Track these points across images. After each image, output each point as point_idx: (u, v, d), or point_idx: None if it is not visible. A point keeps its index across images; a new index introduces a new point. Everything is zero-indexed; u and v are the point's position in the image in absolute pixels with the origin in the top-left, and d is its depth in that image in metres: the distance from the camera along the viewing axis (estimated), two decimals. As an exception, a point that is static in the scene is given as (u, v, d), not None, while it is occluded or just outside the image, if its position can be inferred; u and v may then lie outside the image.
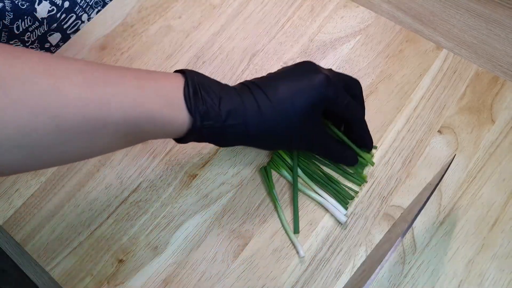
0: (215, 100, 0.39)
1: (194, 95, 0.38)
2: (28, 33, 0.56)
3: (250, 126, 0.40)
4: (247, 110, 0.39)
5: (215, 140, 0.41)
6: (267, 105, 0.40)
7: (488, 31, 0.56)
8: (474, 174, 0.47)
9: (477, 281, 0.43)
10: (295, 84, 0.41)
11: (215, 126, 0.39)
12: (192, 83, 0.38)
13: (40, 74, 0.31)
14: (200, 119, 0.38)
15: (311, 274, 0.44)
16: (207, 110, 0.38)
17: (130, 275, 0.45)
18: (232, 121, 0.39)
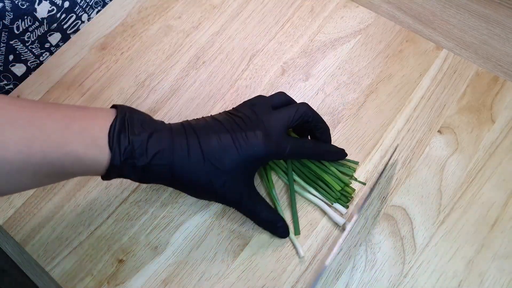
0: (143, 137, 0.38)
1: (120, 134, 0.37)
2: (28, 33, 0.56)
3: (175, 174, 0.39)
4: (175, 154, 0.39)
5: (138, 179, 0.40)
6: (197, 154, 0.39)
7: (488, 31, 0.56)
8: (474, 174, 0.47)
9: (477, 281, 0.43)
10: (229, 141, 0.40)
11: (138, 165, 0.38)
12: (121, 120, 0.38)
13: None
14: (120, 158, 0.37)
15: (311, 274, 0.44)
16: (131, 150, 0.37)
17: (130, 275, 0.45)
18: (158, 161, 0.38)
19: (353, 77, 0.54)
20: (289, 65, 0.55)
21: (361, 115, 0.51)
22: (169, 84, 0.55)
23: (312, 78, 0.54)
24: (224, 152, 0.40)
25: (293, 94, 0.53)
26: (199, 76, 0.56)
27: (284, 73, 0.55)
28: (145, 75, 0.56)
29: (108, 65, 0.57)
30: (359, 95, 0.53)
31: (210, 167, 0.40)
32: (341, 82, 0.54)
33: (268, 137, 0.40)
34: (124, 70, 0.57)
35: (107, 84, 0.56)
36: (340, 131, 0.51)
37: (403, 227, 0.45)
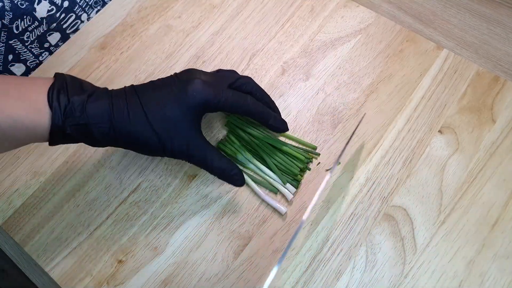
0: (83, 96, 0.38)
1: (58, 94, 0.37)
2: (27, 33, 0.56)
3: (116, 128, 0.39)
4: (114, 112, 0.39)
5: (83, 139, 0.40)
6: (138, 111, 0.40)
7: (489, 31, 0.56)
8: (475, 174, 0.47)
9: (477, 281, 0.42)
10: (169, 92, 0.41)
11: (80, 123, 0.38)
12: (59, 84, 0.38)
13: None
14: (60, 116, 0.37)
15: (311, 274, 0.44)
16: (72, 108, 0.37)
17: (129, 275, 0.45)
18: (97, 120, 0.38)
19: (353, 77, 0.54)
20: (289, 64, 0.55)
21: (362, 115, 0.51)
22: (169, 84, 0.55)
23: (312, 78, 0.54)
24: (165, 103, 0.40)
25: (293, 94, 0.53)
26: (199, 76, 0.55)
27: (284, 72, 0.55)
28: (145, 75, 0.56)
29: (108, 64, 0.57)
30: (359, 95, 0.52)
31: (152, 120, 0.40)
32: (341, 82, 0.53)
33: (207, 84, 0.41)
34: (123, 69, 0.57)
35: (106, 83, 0.56)
36: (340, 131, 0.50)
37: (404, 228, 0.45)
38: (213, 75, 0.43)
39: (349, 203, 0.47)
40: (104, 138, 0.40)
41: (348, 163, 0.49)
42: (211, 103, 0.41)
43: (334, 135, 0.50)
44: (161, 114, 0.40)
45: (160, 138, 0.40)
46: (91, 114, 0.38)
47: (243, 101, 0.43)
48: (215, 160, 0.42)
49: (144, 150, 0.42)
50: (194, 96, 0.40)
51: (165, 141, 0.40)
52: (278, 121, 0.46)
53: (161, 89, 0.41)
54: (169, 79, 0.42)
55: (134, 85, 0.42)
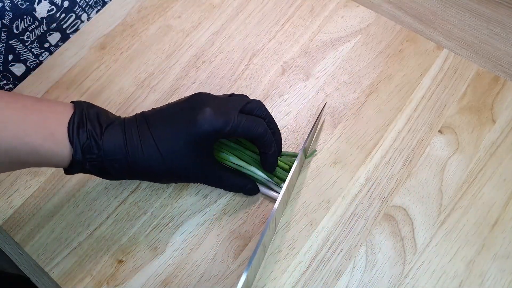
0: (99, 133, 0.39)
1: (78, 128, 0.38)
2: (27, 33, 0.56)
3: (131, 165, 0.39)
4: (129, 148, 0.39)
5: (100, 174, 0.40)
6: (150, 145, 0.39)
7: (489, 30, 0.56)
8: (475, 174, 0.47)
9: (477, 282, 0.42)
10: (179, 122, 0.40)
11: (97, 160, 0.39)
12: (79, 115, 0.38)
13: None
14: (81, 153, 0.38)
15: (311, 274, 0.44)
16: (90, 144, 0.38)
17: (129, 275, 0.45)
18: (113, 156, 0.39)
19: (353, 77, 0.54)
20: (289, 64, 0.55)
21: (362, 115, 0.51)
22: (168, 83, 0.55)
23: (312, 78, 0.54)
24: (175, 135, 0.40)
25: (293, 94, 0.53)
26: (198, 76, 0.55)
27: (284, 72, 0.55)
28: (145, 75, 0.56)
29: (108, 64, 0.57)
30: (359, 95, 0.52)
31: (164, 154, 0.40)
32: (341, 82, 0.53)
33: (217, 113, 0.40)
34: (123, 69, 0.57)
35: (106, 83, 0.56)
36: (340, 131, 0.50)
37: (404, 228, 0.45)
38: (224, 100, 0.42)
39: (349, 203, 0.47)
40: (120, 174, 0.41)
41: (348, 163, 0.49)
42: (222, 131, 0.40)
43: (334, 135, 0.50)
44: (173, 147, 0.40)
45: (174, 170, 0.41)
46: (107, 152, 0.39)
47: (255, 127, 0.42)
48: (230, 179, 0.45)
49: (160, 181, 0.44)
50: (204, 126, 0.39)
51: (180, 172, 0.42)
52: (272, 158, 0.44)
53: (171, 120, 0.40)
54: (179, 106, 0.42)
55: (145, 114, 0.42)
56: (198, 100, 0.41)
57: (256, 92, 0.54)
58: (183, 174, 0.42)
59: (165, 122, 0.40)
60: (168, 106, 0.42)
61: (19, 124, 0.36)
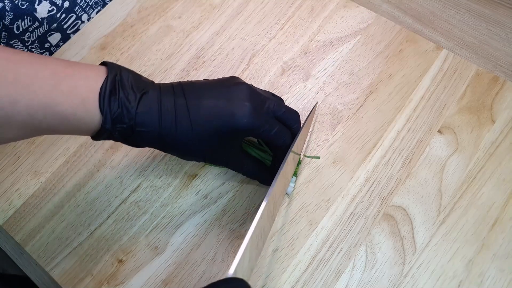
0: (132, 102, 0.37)
1: (110, 96, 0.36)
2: (28, 33, 0.56)
3: (163, 137, 0.39)
4: (162, 121, 0.38)
5: (127, 142, 0.40)
6: (185, 123, 0.39)
7: (488, 31, 0.56)
8: (474, 174, 0.47)
9: (477, 281, 0.43)
10: (219, 105, 0.39)
11: (127, 129, 0.38)
12: (111, 82, 0.37)
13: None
14: (111, 122, 0.37)
15: (311, 274, 0.44)
16: (121, 112, 0.37)
17: (130, 275, 0.45)
18: (145, 127, 0.38)
19: (353, 77, 0.54)
20: (289, 65, 0.55)
21: (361, 115, 0.51)
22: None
23: (312, 78, 0.54)
24: (212, 119, 0.39)
25: (293, 94, 0.53)
26: (199, 76, 0.56)
27: (284, 73, 0.55)
28: (145, 75, 0.56)
29: (108, 65, 0.57)
30: (359, 95, 0.53)
31: (197, 132, 0.39)
32: (341, 82, 0.53)
33: (256, 113, 0.40)
34: (124, 70, 0.57)
35: (107, 84, 0.56)
36: (340, 131, 0.51)
37: (403, 227, 0.45)
38: (264, 100, 0.42)
39: (348, 202, 0.47)
40: (148, 144, 0.40)
41: (347, 163, 0.49)
42: (256, 131, 0.40)
43: (334, 135, 0.50)
44: (206, 130, 0.39)
45: (202, 151, 0.41)
46: (139, 122, 0.38)
47: (283, 138, 0.42)
48: (250, 166, 0.46)
49: (186, 157, 0.44)
50: (241, 121, 0.39)
51: (206, 154, 0.42)
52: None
53: (210, 102, 0.39)
54: (220, 89, 0.41)
55: (183, 86, 0.40)
56: (241, 91, 0.40)
57: (256, 92, 0.54)
58: (209, 156, 0.43)
59: (203, 102, 0.39)
60: (208, 84, 0.41)
61: (50, 93, 0.34)
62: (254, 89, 0.42)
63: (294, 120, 0.44)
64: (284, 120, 0.43)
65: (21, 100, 0.33)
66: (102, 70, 0.38)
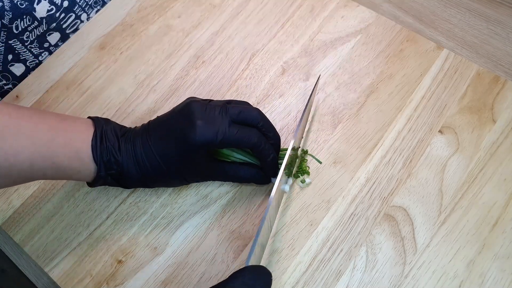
0: (117, 150, 0.42)
1: (100, 146, 0.41)
2: (27, 33, 0.56)
3: (142, 175, 0.43)
4: (136, 160, 0.42)
5: (119, 184, 0.44)
6: (152, 155, 0.42)
7: (489, 30, 0.56)
8: (475, 174, 0.47)
9: (478, 282, 0.42)
10: (172, 135, 0.41)
11: (116, 174, 0.42)
12: (99, 133, 0.41)
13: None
14: (104, 169, 0.41)
15: (311, 275, 0.44)
16: (110, 160, 0.41)
17: (129, 275, 0.45)
18: (128, 169, 0.42)
19: (353, 77, 0.53)
20: (290, 64, 0.55)
21: (362, 115, 0.51)
22: (168, 83, 0.55)
23: (312, 78, 0.54)
24: (170, 146, 0.41)
25: (293, 94, 0.53)
26: (198, 76, 0.55)
27: (284, 72, 0.55)
28: (145, 75, 0.56)
29: (108, 64, 0.57)
30: (359, 95, 0.52)
31: (164, 163, 0.42)
32: (341, 82, 0.53)
33: (207, 126, 0.40)
34: (123, 69, 0.56)
35: (106, 83, 0.56)
36: (340, 131, 0.50)
37: (404, 228, 0.45)
38: (216, 111, 0.42)
39: (349, 203, 0.47)
40: (137, 184, 0.45)
41: (348, 163, 0.49)
42: (213, 144, 0.41)
43: (334, 135, 0.50)
44: (170, 158, 0.42)
45: (180, 176, 0.44)
46: (123, 166, 0.42)
47: (248, 138, 0.42)
48: (237, 172, 0.45)
49: (170, 185, 0.48)
50: (195, 139, 0.40)
51: (187, 176, 0.45)
52: (271, 165, 0.44)
53: (166, 131, 0.42)
54: (173, 117, 0.43)
55: (147, 125, 0.44)
56: (190, 112, 0.41)
57: (256, 92, 0.54)
58: (190, 178, 0.45)
59: (161, 134, 0.42)
60: (165, 116, 0.44)
61: (48, 146, 0.38)
62: (202, 103, 0.42)
63: (253, 117, 0.42)
64: (243, 121, 0.42)
65: (23, 152, 0.37)
66: (90, 123, 0.42)
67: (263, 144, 0.42)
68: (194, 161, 0.42)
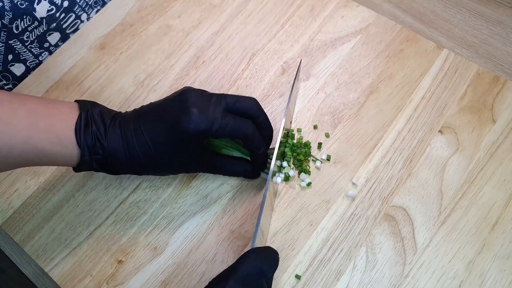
0: (103, 135, 0.41)
1: (85, 131, 0.40)
2: (27, 33, 0.56)
3: (130, 161, 0.41)
4: (125, 146, 0.41)
5: (106, 171, 0.43)
6: (143, 141, 0.41)
7: (489, 30, 0.56)
8: (475, 175, 0.47)
9: (478, 282, 0.42)
10: (166, 122, 0.41)
11: (102, 159, 0.41)
12: (84, 117, 0.40)
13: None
14: (88, 153, 0.40)
15: (312, 274, 0.44)
16: (95, 144, 0.40)
17: (129, 275, 0.45)
18: (115, 154, 0.41)
19: (353, 77, 0.54)
20: (290, 64, 0.55)
21: (362, 115, 0.51)
22: (168, 83, 0.55)
23: (312, 78, 0.54)
24: (163, 132, 0.41)
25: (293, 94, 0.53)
26: (198, 76, 0.55)
27: (284, 72, 0.55)
28: (145, 75, 0.56)
29: (108, 64, 0.57)
30: (359, 95, 0.52)
31: (155, 149, 0.41)
32: (341, 82, 0.53)
33: (203, 115, 0.40)
34: (123, 69, 0.56)
35: (106, 83, 0.56)
36: (340, 131, 0.50)
37: (404, 228, 0.45)
38: (212, 100, 0.41)
39: (349, 203, 0.47)
40: (124, 170, 0.43)
41: (348, 163, 0.49)
42: (208, 133, 0.40)
43: (334, 135, 0.50)
44: (162, 145, 0.41)
45: (171, 164, 0.43)
46: (110, 151, 0.41)
47: (242, 128, 0.41)
48: (226, 166, 0.46)
49: (159, 173, 0.46)
50: (190, 127, 0.40)
51: (176, 166, 0.44)
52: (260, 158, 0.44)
53: (160, 117, 0.41)
54: (168, 103, 0.42)
55: (139, 110, 0.43)
56: (186, 99, 0.41)
57: (256, 92, 0.54)
58: (179, 167, 0.44)
59: (155, 120, 0.41)
60: (159, 102, 0.43)
61: (29, 131, 0.38)
62: (199, 92, 0.42)
63: (248, 106, 0.42)
64: (238, 110, 0.42)
65: (2, 137, 0.36)
66: (75, 106, 0.41)
67: (256, 137, 0.42)
68: (186, 149, 0.41)
